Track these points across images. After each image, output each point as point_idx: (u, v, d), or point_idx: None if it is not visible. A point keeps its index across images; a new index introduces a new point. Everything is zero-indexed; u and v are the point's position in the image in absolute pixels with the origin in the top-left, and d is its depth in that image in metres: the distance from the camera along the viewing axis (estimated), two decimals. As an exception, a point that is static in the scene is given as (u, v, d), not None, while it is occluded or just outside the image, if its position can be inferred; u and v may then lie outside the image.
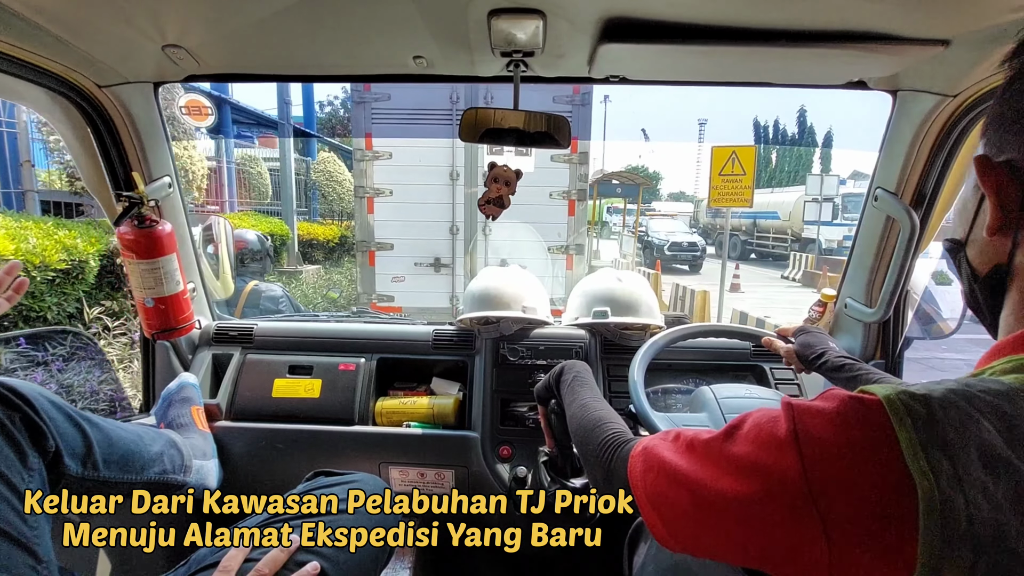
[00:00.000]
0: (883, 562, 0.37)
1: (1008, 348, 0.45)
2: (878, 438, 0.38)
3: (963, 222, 0.53)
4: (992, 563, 0.34)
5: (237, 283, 2.70)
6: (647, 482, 0.55)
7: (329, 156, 12.92)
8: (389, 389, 1.52)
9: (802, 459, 0.40)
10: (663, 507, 0.52)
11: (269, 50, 1.06)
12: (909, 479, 0.36)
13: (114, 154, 1.25)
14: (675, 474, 0.51)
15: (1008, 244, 0.46)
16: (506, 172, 1.19)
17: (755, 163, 6.33)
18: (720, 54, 0.95)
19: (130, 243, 1.22)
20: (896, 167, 1.20)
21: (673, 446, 0.54)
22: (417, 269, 3.81)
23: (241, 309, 2.64)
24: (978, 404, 0.38)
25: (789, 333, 1.18)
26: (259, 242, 2.80)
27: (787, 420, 0.43)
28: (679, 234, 16.07)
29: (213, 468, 1.27)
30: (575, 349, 1.45)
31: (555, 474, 1.16)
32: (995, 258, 0.48)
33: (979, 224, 0.50)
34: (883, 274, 1.30)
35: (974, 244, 0.51)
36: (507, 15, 0.86)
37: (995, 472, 0.36)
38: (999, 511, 0.35)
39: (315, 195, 12.33)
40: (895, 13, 0.82)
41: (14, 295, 0.83)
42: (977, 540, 0.34)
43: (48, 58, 1.00)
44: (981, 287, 0.51)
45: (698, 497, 0.48)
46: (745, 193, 6.31)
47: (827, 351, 1.05)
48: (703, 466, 0.49)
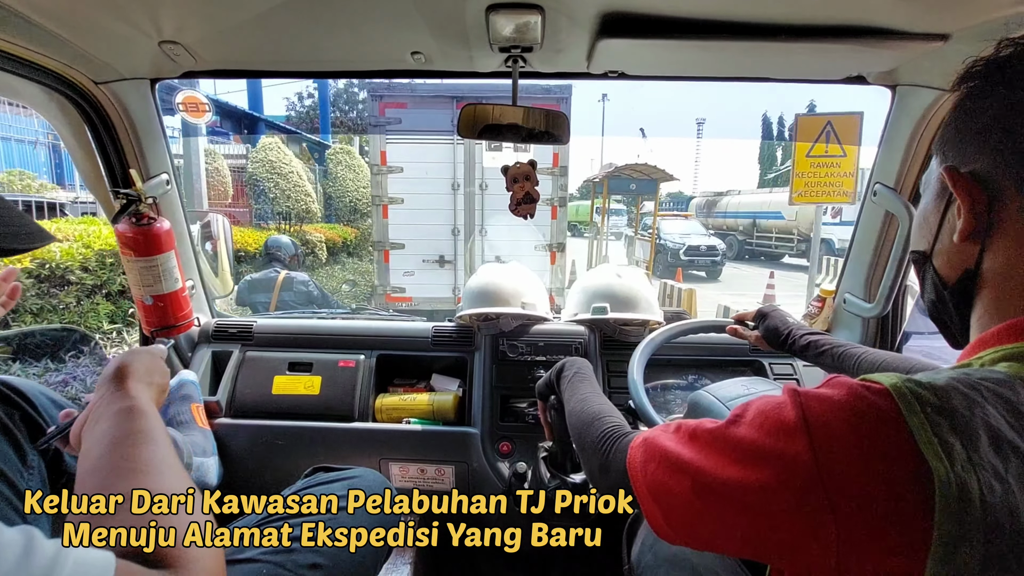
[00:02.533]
0: (894, 547, 0.37)
1: (992, 339, 0.47)
2: (888, 425, 0.39)
3: (926, 234, 0.56)
4: (1006, 544, 0.35)
5: (270, 273, 3.27)
6: (647, 472, 0.55)
7: (272, 142, 9.91)
8: (389, 385, 1.52)
9: (812, 445, 0.40)
10: (663, 497, 0.52)
11: (267, 46, 1.05)
12: (923, 464, 0.36)
13: (111, 151, 1.25)
14: (677, 462, 0.51)
15: (976, 250, 0.49)
16: (522, 168, 1.18)
17: (858, 138, 3.99)
18: (719, 49, 0.95)
19: (128, 240, 1.22)
20: (895, 162, 1.20)
21: (675, 436, 0.54)
22: (424, 265, 4.65)
23: (277, 293, 3.15)
24: (981, 390, 0.39)
25: (749, 317, 1.19)
26: (291, 243, 3.57)
27: (794, 406, 0.43)
28: (695, 236, 13.83)
29: (213, 465, 1.27)
30: (574, 345, 1.45)
31: (555, 470, 1.17)
32: (963, 264, 0.51)
33: (945, 232, 0.53)
34: (882, 269, 1.30)
35: (940, 253, 0.54)
36: (505, 10, 0.85)
37: (1004, 455, 0.37)
38: (1010, 493, 0.36)
39: (260, 192, 9.55)
40: (894, 8, 0.82)
41: (9, 301, 0.83)
42: (990, 521, 0.35)
43: (44, 54, 1.00)
44: (951, 293, 0.53)
45: (700, 485, 0.47)
46: (845, 184, 4.10)
47: (791, 330, 1.07)
48: (707, 454, 0.48)
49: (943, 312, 0.56)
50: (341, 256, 10.33)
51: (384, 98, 4.41)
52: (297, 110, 26.14)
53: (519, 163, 1.18)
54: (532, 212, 1.21)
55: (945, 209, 0.53)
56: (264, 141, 10.07)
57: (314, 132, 18.56)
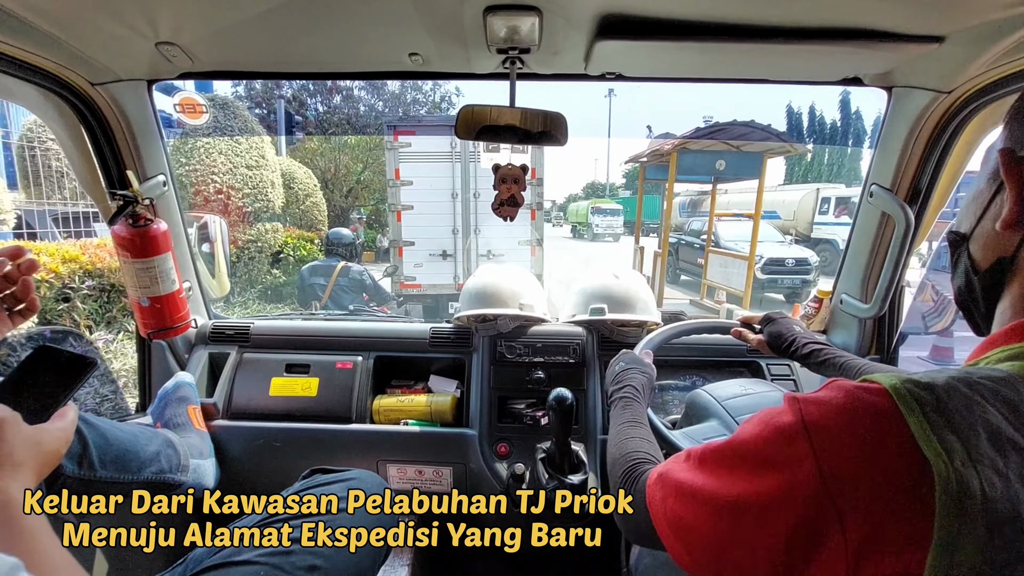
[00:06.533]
0: (897, 546, 0.37)
1: (1000, 340, 0.47)
2: (887, 425, 0.39)
3: (972, 214, 0.53)
4: (1006, 539, 0.35)
5: (332, 261, 3.78)
6: (667, 509, 0.55)
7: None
8: (387, 387, 1.52)
9: (813, 449, 0.41)
10: (684, 532, 0.52)
11: (264, 47, 1.05)
12: (923, 462, 0.37)
13: (108, 152, 1.24)
14: (691, 491, 0.51)
15: (1017, 238, 0.47)
16: (512, 170, 1.18)
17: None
18: (716, 51, 0.95)
19: (125, 242, 1.21)
20: (891, 163, 1.21)
21: (687, 465, 0.54)
22: (431, 258, 5.90)
23: (334, 279, 3.68)
24: (980, 390, 0.39)
25: (755, 321, 1.19)
26: (351, 234, 4.02)
27: (793, 413, 0.43)
28: (770, 245, 9.09)
29: (210, 467, 1.26)
30: (572, 346, 1.45)
31: (552, 470, 1.17)
32: (999, 251, 0.49)
33: (988, 217, 0.50)
34: (878, 270, 1.31)
35: (979, 237, 0.51)
36: (503, 12, 0.86)
37: (1003, 451, 0.37)
38: (1011, 487, 0.36)
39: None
40: (890, 10, 0.82)
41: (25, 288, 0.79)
42: (991, 517, 0.35)
43: (39, 55, 0.99)
44: (981, 280, 0.51)
45: (717, 508, 0.47)
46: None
47: (795, 337, 1.07)
48: (716, 475, 0.49)
49: (969, 299, 0.54)
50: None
51: (397, 127, 5.74)
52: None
53: (511, 164, 1.18)
54: (513, 215, 1.21)
55: (995, 192, 0.49)
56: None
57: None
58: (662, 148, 7.26)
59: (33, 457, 0.60)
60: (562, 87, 5.10)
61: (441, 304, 5.96)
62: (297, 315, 1.97)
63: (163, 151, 1.33)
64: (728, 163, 6.81)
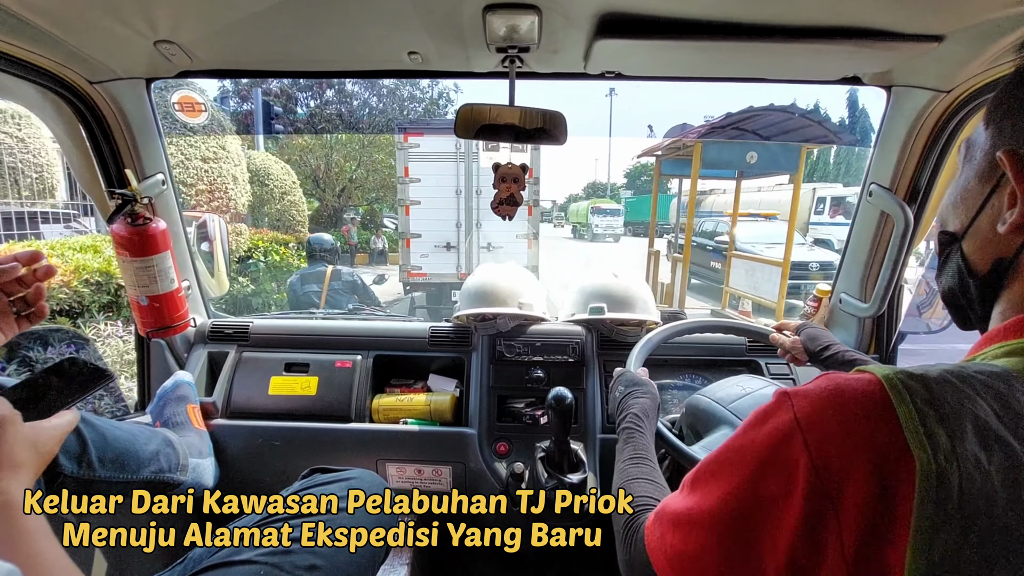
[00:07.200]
0: (885, 537, 0.37)
1: (998, 336, 0.47)
2: (877, 414, 0.39)
3: (961, 214, 0.51)
4: (982, 535, 0.35)
5: (320, 267, 3.81)
6: (666, 547, 0.52)
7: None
8: (386, 386, 1.52)
9: (806, 445, 0.40)
10: (687, 567, 0.50)
11: (263, 46, 1.05)
12: (907, 452, 0.37)
13: (106, 151, 1.24)
14: (689, 520, 0.50)
15: (1019, 239, 0.45)
16: (512, 169, 1.18)
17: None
18: (716, 50, 0.95)
19: (123, 241, 1.21)
20: (890, 162, 1.21)
21: (680, 495, 0.53)
22: (436, 250, 6.38)
23: (327, 283, 3.72)
24: (973, 384, 0.39)
25: (791, 328, 1.19)
26: (331, 241, 4.11)
27: (785, 409, 0.43)
28: (806, 252, 8.43)
29: (209, 466, 1.26)
30: (571, 345, 1.45)
31: (552, 469, 1.17)
32: (998, 252, 0.47)
33: (985, 218, 0.48)
34: (877, 269, 1.31)
35: (974, 237, 0.50)
36: (502, 10, 0.85)
37: (988, 447, 0.37)
38: (990, 484, 0.36)
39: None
40: (889, 9, 0.82)
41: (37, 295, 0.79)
42: (968, 512, 0.35)
43: (38, 53, 0.99)
44: (978, 280, 0.49)
45: (717, 529, 0.46)
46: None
47: (833, 344, 1.07)
48: (714, 489, 0.47)
49: (963, 299, 0.52)
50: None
51: (408, 129, 6.27)
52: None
53: (511, 164, 1.18)
54: (512, 214, 1.22)
55: (991, 192, 0.47)
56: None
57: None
58: (683, 139, 6.41)
59: (32, 457, 0.60)
60: (562, 86, 4.59)
61: (444, 292, 6.44)
62: (296, 314, 1.97)
63: (162, 150, 1.33)
64: (760, 155, 5.76)
